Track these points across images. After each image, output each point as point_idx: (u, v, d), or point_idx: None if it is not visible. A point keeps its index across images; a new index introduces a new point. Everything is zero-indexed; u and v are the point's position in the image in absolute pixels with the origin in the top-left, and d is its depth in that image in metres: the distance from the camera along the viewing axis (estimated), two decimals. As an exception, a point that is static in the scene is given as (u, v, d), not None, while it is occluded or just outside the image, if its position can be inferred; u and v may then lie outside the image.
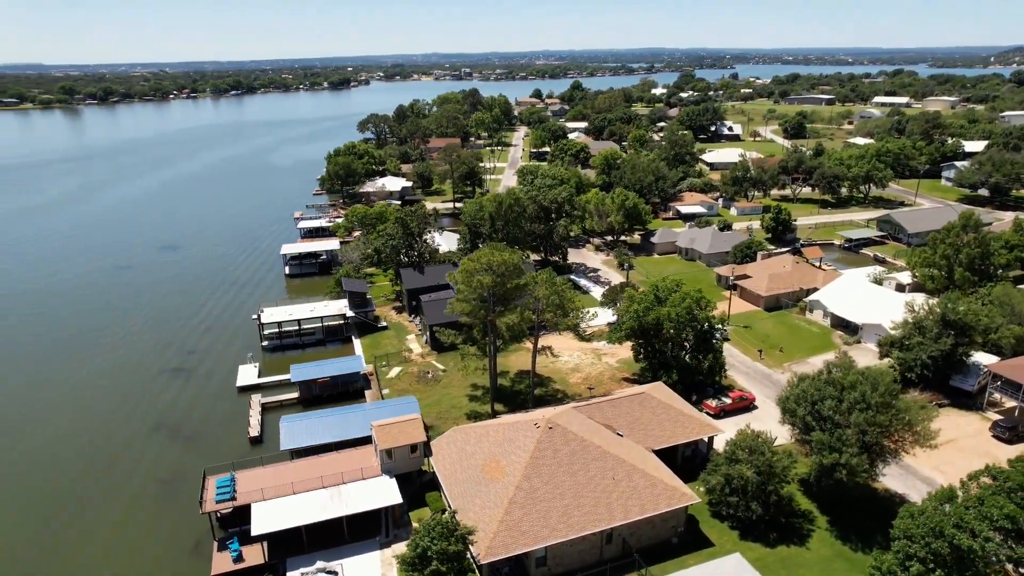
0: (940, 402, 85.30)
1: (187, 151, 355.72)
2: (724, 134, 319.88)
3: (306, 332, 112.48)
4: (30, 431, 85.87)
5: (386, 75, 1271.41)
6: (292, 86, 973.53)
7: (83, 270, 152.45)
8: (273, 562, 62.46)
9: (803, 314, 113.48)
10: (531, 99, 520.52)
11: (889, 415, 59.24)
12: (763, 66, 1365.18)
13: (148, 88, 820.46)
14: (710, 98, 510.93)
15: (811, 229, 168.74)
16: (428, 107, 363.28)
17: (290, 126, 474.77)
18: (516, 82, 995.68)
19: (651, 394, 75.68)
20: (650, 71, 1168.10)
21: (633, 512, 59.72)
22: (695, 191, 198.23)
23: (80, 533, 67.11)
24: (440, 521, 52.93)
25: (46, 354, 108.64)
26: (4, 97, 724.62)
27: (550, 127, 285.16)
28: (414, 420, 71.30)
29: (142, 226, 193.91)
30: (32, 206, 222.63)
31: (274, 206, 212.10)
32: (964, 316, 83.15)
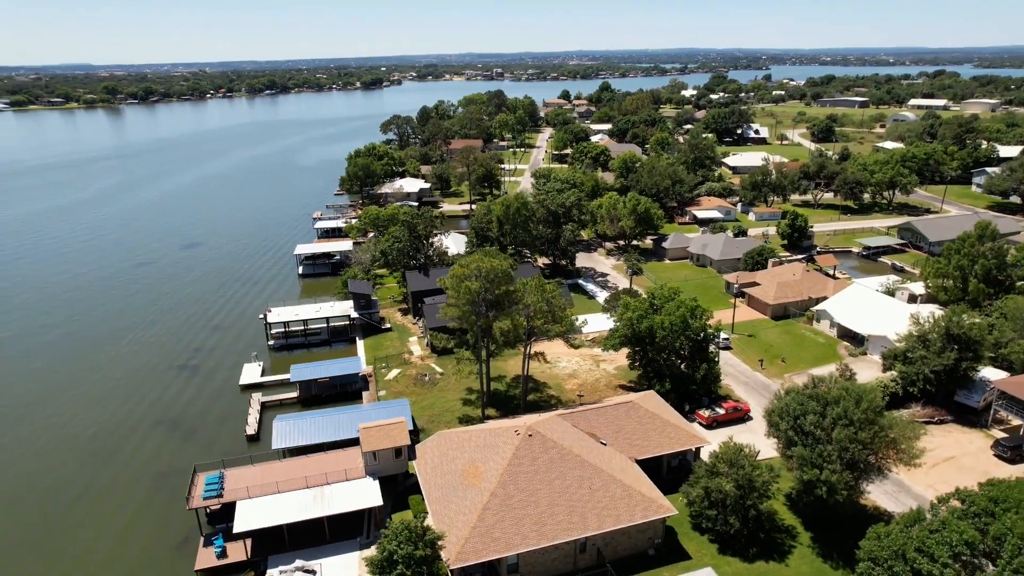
0: (942, 418, 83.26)
1: (218, 150, 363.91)
2: (750, 137, 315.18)
3: (312, 332, 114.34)
4: (39, 420, 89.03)
5: (418, 75, 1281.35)
6: (325, 86, 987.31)
7: (108, 267, 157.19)
8: (255, 559, 63.94)
9: (810, 324, 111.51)
10: (559, 100, 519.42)
11: (871, 432, 58.02)
12: (799, 67, 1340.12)
13: (186, 88, 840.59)
14: (740, 100, 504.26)
15: (829, 236, 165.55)
16: (453, 108, 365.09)
17: (320, 126, 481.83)
18: (547, 82, 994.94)
19: (638, 403, 75.30)
20: (683, 72, 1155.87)
21: (607, 522, 59.60)
22: (714, 195, 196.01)
23: (72, 521, 69.50)
24: (407, 526, 53.54)
25: (65, 348, 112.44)
26: (52, 97, 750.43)
27: (573, 129, 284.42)
28: (399, 424, 72.12)
29: (168, 224, 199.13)
30: (69, 204, 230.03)
31: (296, 205, 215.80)
32: (969, 330, 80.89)
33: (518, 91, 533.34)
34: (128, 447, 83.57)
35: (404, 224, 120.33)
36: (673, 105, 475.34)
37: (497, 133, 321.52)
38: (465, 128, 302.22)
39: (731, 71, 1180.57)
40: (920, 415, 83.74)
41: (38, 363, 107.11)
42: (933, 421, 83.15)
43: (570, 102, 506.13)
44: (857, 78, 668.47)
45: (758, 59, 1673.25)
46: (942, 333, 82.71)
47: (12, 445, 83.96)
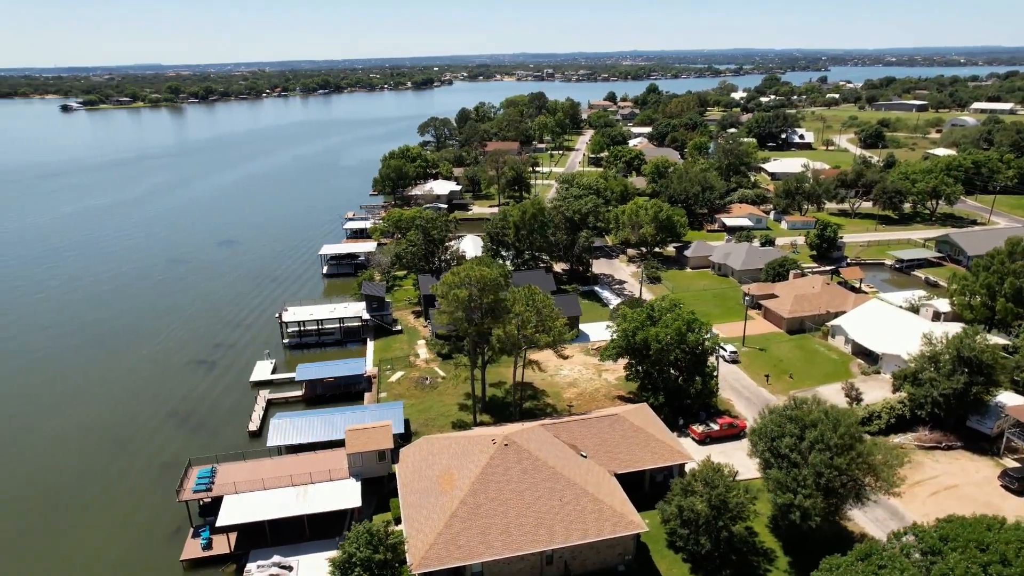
0: (950, 444, 79.88)
1: (266, 149, 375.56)
2: (794, 142, 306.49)
3: (326, 332, 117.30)
4: (59, 410, 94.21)
5: (470, 75, 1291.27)
6: (377, 86, 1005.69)
7: (146, 263, 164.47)
8: (237, 552, 66.42)
9: (825, 339, 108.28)
10: (604, 102, 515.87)
11: (848, 458, 56.24)
12: (861, 69, 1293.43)
13: (244, 87, 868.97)
14: (791, 103, 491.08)
15: (862, 247, 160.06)
16: (493, 110, 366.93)
17: (367, 125, 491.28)
18: (597, 83, 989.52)
19: (624, 416, 74.79)
20: (737, 73, 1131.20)
21: (575, 536, 59.54)
22: (746, 203, 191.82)
23: (77, 506, 73.49)
24: (368, 529, 54.80)
25: (95, 341, 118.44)
26: (121, 96, 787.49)
27: (610, 133, 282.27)
28: (384, 427, 73.61)
29: (207, 221, 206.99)
30: (120, 201, 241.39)
31: (331, 205, 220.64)
32: (981, 353, 77.31)
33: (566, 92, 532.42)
34: (140, 437, 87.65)
35: (419, 228, 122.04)
36: (720, 108, 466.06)
37: (536, 135, 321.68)
38: (503, 130, 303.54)
39: (787, 72, 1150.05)
40: (927, 439, 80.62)
41: (70, 355, 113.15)
42: (940, 446, 79.87)
43: (615, 104, 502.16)
44: (919, 80, 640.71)
45: (818, 60, 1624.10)
46: (953, 355, 79.29)
47: (32, 433, 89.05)
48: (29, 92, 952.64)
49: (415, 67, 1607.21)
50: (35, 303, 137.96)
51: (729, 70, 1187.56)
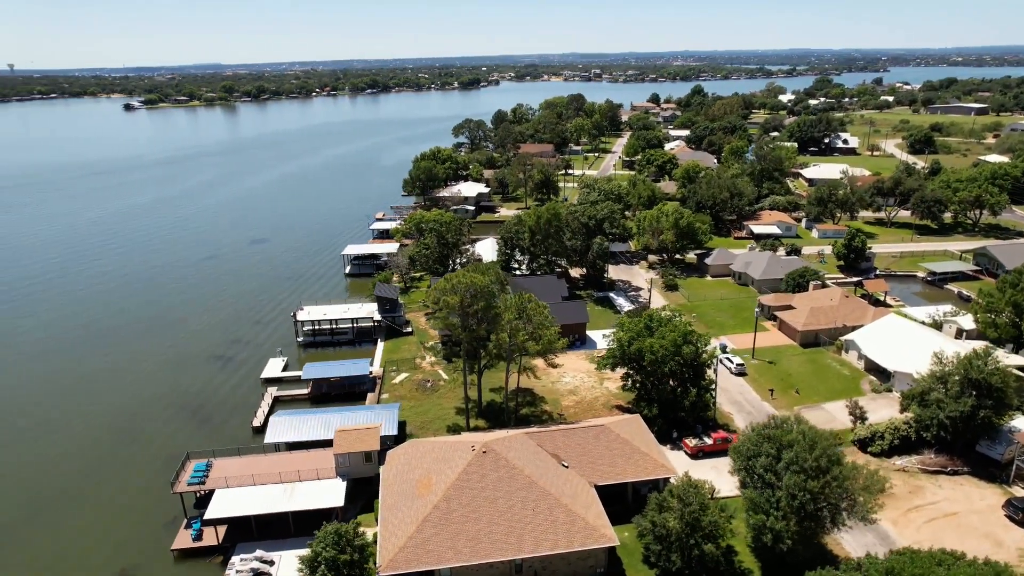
0: (956, 468, 76.79)
1: (309, 147, 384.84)
2: (837, 147, 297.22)
3: (339, 331, 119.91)
4: (79, 398, 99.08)
5: (517, 75, 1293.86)
6: (425, 85, 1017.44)
7: (181, 259, 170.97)
8: (225, 545, 68.81)
9: (839, 354, 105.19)
10: (647, 103, 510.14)
11: (822, 481, 54.75)
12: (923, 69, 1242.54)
13: (295, 87, 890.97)
14: (841, 106, 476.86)
15: (894, 258, 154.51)
16: (531, 112, 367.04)
17: (409, 125, 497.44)
18: (645, 84, 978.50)
19: (611, 428, 74.40)
20: (790, 75, 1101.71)
21: (544, 546, 59.71)
22: (778, 209, 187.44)
23: (78, 493, 77.25)
24: (337, 530, 56.14)
25: (123, 333, 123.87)
26: (179, 95, 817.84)
27: (646, 136, 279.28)
28: (372, 429, 75.09)
29: (242, 219, 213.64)
30: (166, 197, 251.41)
31: (364, 205, 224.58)
32: (990, 376, 74.06)
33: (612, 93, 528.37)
34: (151, 428, 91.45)
35: (432, 232, 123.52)
36: (767, 111, 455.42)
37: (573, 137, 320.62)
38: (539, 132, 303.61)
39: (844, 73, 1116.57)
40: (931, 463, 77.69)
41: (97, 345, 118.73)
42: (945, 471, 76.84)
43: (658, 105, 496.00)
44: (983, 81, 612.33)
45: (877, 60, 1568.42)
46: (961, 376, 76.17)
47: (49, 420, 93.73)
48: (97, 92, 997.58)
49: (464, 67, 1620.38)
50: (75, 294, 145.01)
51: (781, 71, 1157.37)
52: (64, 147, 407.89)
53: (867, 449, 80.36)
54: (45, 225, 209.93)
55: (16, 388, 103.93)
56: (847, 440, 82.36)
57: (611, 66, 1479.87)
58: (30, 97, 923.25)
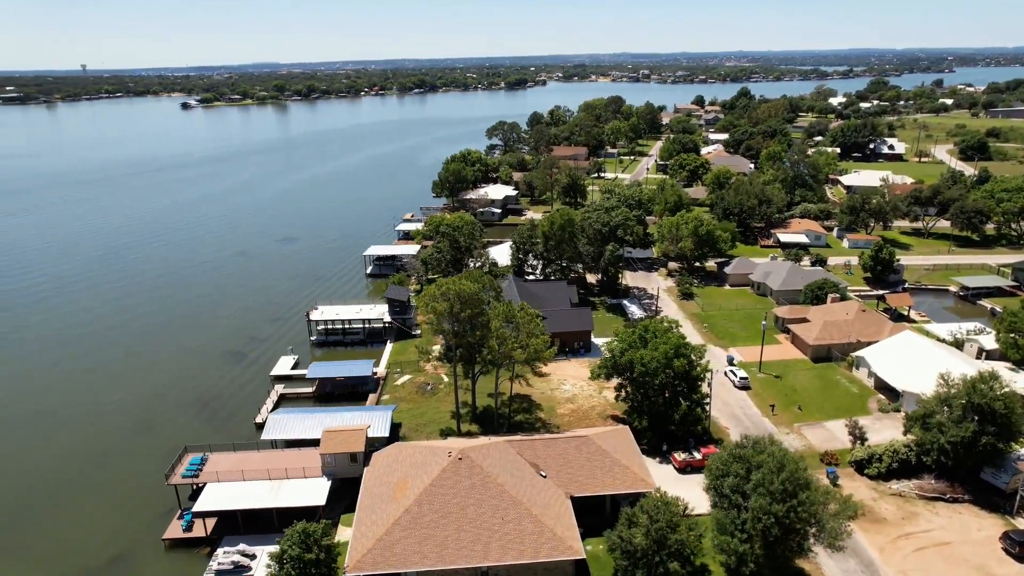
0: (956, 496, 73.85)
1: (351, 147, 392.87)
2: (882, 153, 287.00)
3: (351, 332, 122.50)
4: (98, 389, 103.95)
5: (564, 76, 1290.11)
6: (471, 85, 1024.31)
7: (213, 255, 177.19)
8: (213, 537, 71.45)
9: (850, 370, 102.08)
10: (691, 105, 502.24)
11: (787, 505, 53.51)
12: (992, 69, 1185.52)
13: (345, 86, 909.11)
14: (895, 109, 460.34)
15: (927, 271, 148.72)
16: (569, 113, 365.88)
17: (451, 125, 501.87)
18: (694, 85, 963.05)
19: (593, 439, 74.18)
20: (847, 76, 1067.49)
21: (509, 555, 60.15)
22: (809, 218, 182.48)
23: (83, 481, 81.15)
24: (304, 529, 57.76)
25: (148, 328, 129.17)
26: (233, 94, 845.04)
27: (681, 139, 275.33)
28: (359, 431, 76.74)
29: (277, 216, 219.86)
30: (210, 195, 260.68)
31: (395, 205, 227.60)
32: (993, 401, 70.93)
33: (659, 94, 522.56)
34: (162, 420, 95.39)
35: (444, 236, 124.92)
36: (814, 114, 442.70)
37: (609, 140, 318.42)
38: (574, 135, 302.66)
39: (905, 75, 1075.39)
40: (929, 489, 74.91)
41: (125, 339, 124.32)
42: (944, 498, 73.96)
43: (702, 108, 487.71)
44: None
45: (942, 60, 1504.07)
46: (964, 400, 73.19)
47: (66, 412, 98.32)
48: (159, 91, 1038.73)
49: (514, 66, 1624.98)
50: (111, 289, 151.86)
51: (837, 73, 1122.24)
52: (122, 144, 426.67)
53: (864, 471, 78.00)
54: (93, 220, 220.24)
55: (40, 377, 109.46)
56: (844, 461, 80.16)
57: (661, 66, 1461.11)
58: (98, 96, 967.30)
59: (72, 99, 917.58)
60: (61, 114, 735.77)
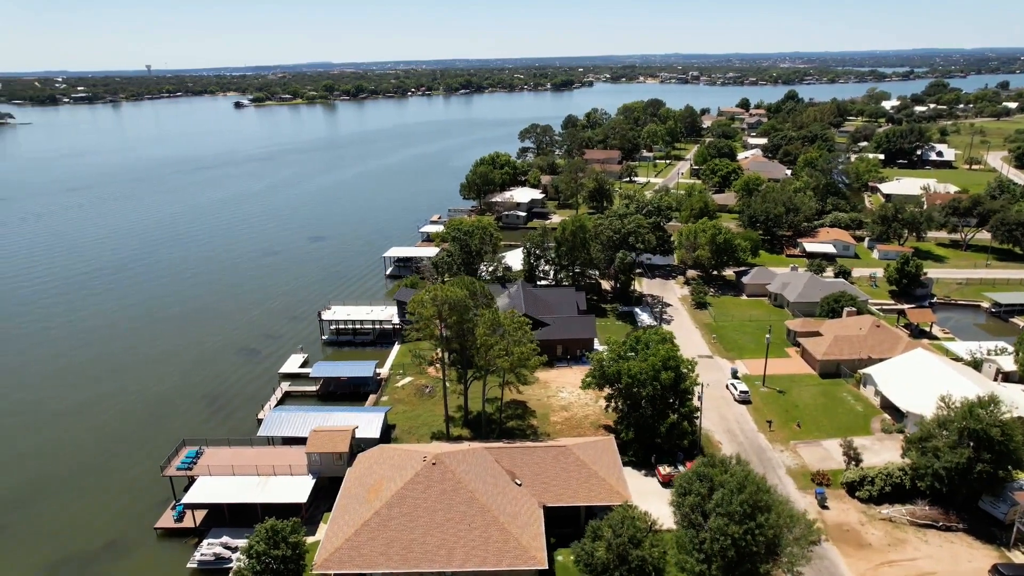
0: (949, 524, 70.99)
1: (390, 147, 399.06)
2: (929, 160, 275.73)
3: (361, 332, 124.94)
4: (113, 384, 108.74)
5: (612, 77, 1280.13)
6: (517, 86, 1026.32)
7: (245, 252, 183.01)
8: (201, 528, 74.28)
9: (858, 387, 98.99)
10: (735, 108, 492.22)
11: (744, 528, 52.57)
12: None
13: (393, 86, 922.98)
14: (953, 113, 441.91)
15: (959, 285, 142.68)
16: (606, 116, 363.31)
17: (491, 126, 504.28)
18: (743, 87, 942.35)
19: (572, 450, 74.13)
20: (907, 78, 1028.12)
21: (472, 562, 60.76)
22: (839, 227, 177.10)
23: (87, 469, 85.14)
24: (272, 526, 59.61)
25: (172, 323, 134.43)
26: (283, 93, 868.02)
27: (716, 144, 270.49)
28: (345, 431, 78.48)
29: (309, 215, 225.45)
30: (249, 192, 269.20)
31: (424, 206, 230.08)
32: (989, 427, 67.98)
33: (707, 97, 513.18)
34: (171, 414, 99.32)
35: (455, 240, 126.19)
36: (864, 118, 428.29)
37: (644, 143, 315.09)
38: (609, 138, 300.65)
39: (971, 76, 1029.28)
40: (921, 515, 72.25)
41: (148, 333, 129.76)
42: (936, 525, 71.21)
43: (746, 111, 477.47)
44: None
45: (1014, 61, 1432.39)
46: (960, 425, 70.36)
47: (80, 404, 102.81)
48: (216, 90, 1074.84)
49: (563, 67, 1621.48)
50: (146, 284, 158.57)
51: (896, 75, 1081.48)
52: (174, 142, 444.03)
53: (855, 494, 75.75)
54: (138, 216, 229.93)
55: (63, 367, 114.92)
56: (836, 482, 78.02)
57: (711, 68, 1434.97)
58: (159, 96, 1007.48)
59: (135, 98, 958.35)
60: (124, 113, 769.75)
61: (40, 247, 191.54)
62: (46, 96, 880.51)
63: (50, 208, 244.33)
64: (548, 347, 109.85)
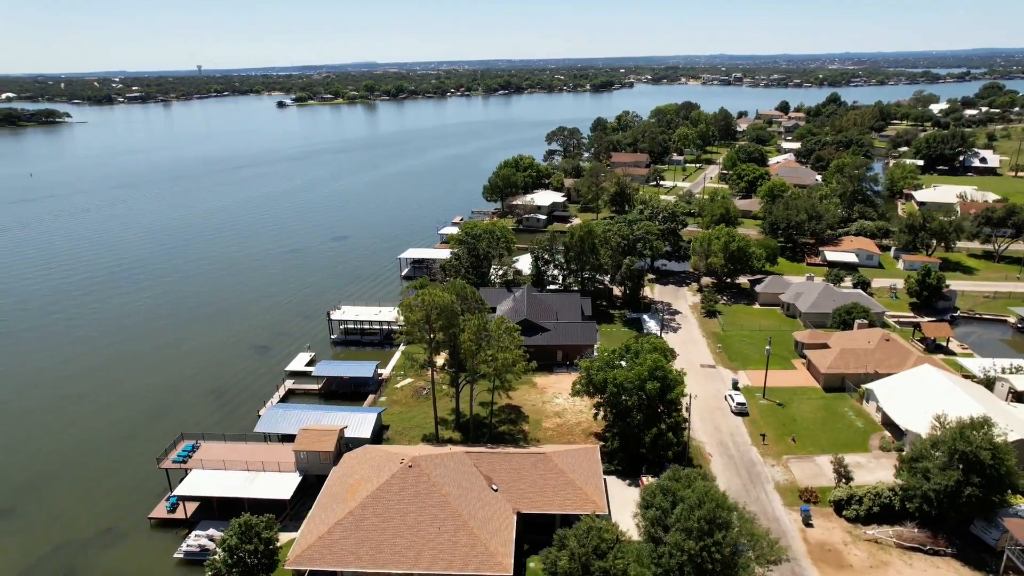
0: (937, 548, 68.85)
1: (424, 147, 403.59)
2: (972, 166, 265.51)
3: (369, 332, 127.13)
4: (125, 377, 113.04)
5: (653, 78, 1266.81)
6: (556, 87, 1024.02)
7: (269, 250, 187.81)
8: (192, 520, 76.96)
9: (861, 403, 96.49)
10: (774, 111, 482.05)
11: (701, 545, 52.10)
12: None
13: (432, 87, 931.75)
14: (1005, 117, 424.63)
15: (986, 298, 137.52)
16: (636, 118, 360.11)
17: (526, 128, 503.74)
18: (788, 89, 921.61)
19: (550, 457, 74.37)
20: (963, 79, 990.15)
21: (438, 565, 61.65)
22: (865, 235, 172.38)
23: (91, 460, 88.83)
24: (246, 521, 61.52)
25: (190, 319, 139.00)
26: (325, 93, 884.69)
27: (747, 148, 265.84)
28: (332, 431, 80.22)
29: (335, 215, 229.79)
30: (281, 191, 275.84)
31: (449, 207, 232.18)
32: (978, 450, 65.73)
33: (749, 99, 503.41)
34: (179, 407, 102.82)
35: (463, 244, 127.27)
36: (909, 122, 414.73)
37: (675, 147, 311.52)
38: (639, 141, 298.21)
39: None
40: (908, 538, 70.26)
41: (165, 326, 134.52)
42: (924, 549, 69.13)
43: (785, 114, 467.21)
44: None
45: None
46: (950, 446, 68.19)
47: (95, 395, 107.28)
48: (262, 90, 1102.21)
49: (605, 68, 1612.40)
50: (171, 280, 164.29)
51: (951, 76, 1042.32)
52: (215, 141, 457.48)
53: (842, 512, 74.05)
54: (174, 213, 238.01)
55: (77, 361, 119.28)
56: (825, 500, 76.39)
57: (756, 69, 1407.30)
58: (207, 95, 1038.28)
59: (185, 98, 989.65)
60: (173, 112, 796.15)
61: (82, 242, 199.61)
62: (103, 96, 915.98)
63: (96, 204, 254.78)
64: (548, 352, 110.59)
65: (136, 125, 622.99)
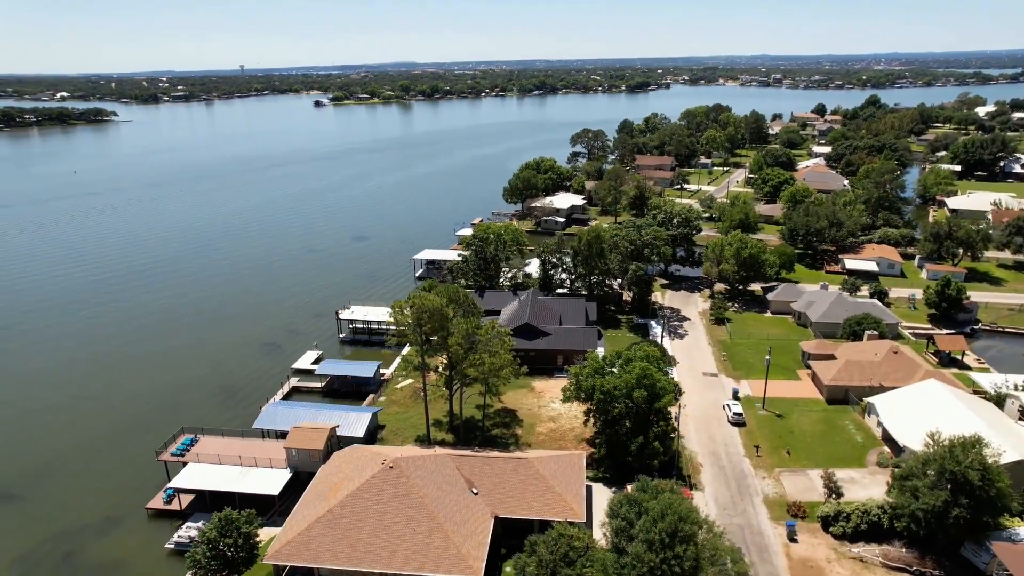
0: (923, 569, 67.07)
1: (453, 147, 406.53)
2: (1013, 172, 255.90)
3: (376, 332, 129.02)
4: (138, 373, 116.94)
5: (691, 79, 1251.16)
6: (591, 88, 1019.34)
7: (291, 249, 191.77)
8: (187, 511, 79.50)
9: (862, 416, 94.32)
10: (810, 114, 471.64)
11: (661, 557, 51.85)
12: None
13: (468, 87, 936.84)
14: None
15: (1011, 311, 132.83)
16: (665, 120, 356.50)
17: (556, 129, 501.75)
18: (828, 91, 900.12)
19: (532, 463, 74.64)
20: (1016, 80, 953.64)
21: (411, 565, 62.56)
22: (889, 243, 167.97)
23: (98, 450, 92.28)
24: (226, 516, 63.39)
25: (207, 316, 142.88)
26: (361, 92, 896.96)
27: (774, 152, 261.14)
28: (322, 430, 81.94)
29: (358, 215, 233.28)
30: (309, 190, 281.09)
31: (470, 208, 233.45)
32: (967, 470, 63.84)
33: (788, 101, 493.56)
34: (187, 402, 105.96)
35: (470, 247, 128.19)
36: (952, 125, 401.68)
37: (703, 150, 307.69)
38: (666, 144, 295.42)
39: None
40: (894, 557, 68.61)
41: (183, 323, 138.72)
42: (909, 570, 67.41)
43: (821, 117, 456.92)
44: None
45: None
46: (939, 466, 66.40)
47: (107, 391, 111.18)
48: (300, 89, 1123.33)
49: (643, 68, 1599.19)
50: (191, 278, 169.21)
51: (1004, 77, 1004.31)
52: (255, 140, 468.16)
53: (829, 529, 72.64)
54: (202, 213, 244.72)
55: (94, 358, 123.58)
56: (813, 515, 75.03)
57: (797, 70, 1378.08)
58: (248, 94, 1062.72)
59: (227, 97, 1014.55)
60: (215, 110, 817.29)
61: (111, 240, 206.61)
62: (149, 95, 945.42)
63: (129, 202, 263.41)
64: (549, 356, 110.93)
65: (178, 124, 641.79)
